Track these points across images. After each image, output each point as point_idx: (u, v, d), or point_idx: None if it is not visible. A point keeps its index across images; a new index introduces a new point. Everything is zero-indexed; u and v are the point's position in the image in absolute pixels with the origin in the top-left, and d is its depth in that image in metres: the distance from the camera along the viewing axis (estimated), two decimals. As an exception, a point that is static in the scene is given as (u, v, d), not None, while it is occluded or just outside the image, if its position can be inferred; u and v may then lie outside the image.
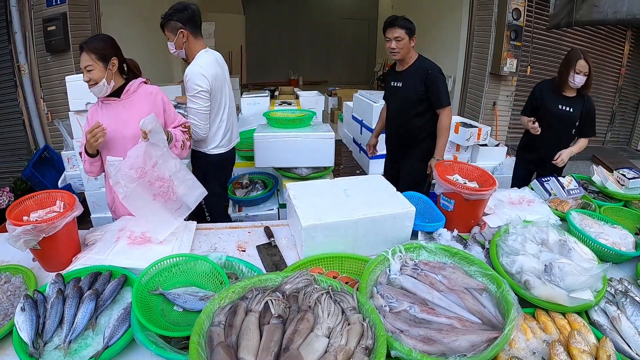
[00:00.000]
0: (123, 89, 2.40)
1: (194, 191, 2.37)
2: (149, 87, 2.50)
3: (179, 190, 2.31)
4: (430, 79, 3.31)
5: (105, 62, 2.27)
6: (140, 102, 2.41)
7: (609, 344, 1.48)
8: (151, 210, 2.20)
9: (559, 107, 3.51)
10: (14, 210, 1.99)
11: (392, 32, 3.27)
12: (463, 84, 8.07)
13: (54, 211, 2.09)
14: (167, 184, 2.26)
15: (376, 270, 1.79)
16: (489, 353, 1.34)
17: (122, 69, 2.41)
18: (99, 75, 2.26)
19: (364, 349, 1.30)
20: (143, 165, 2.15)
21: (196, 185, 2.38)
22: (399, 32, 3.25)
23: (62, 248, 2.00)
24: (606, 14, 5.77)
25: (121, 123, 2.36)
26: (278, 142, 3.62)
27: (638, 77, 8.95)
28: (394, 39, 3.27)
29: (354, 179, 2.49)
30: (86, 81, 2.29)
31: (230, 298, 1.49)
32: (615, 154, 8.47)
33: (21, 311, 1.53)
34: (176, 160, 2.30)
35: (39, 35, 5.59)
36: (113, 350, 1.46)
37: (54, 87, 5.75)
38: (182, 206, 2.34)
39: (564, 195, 2.81)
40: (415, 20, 3.32)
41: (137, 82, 2.45)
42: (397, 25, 3.25)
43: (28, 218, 2.02)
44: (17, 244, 1.82)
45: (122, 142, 2.34)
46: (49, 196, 2.15)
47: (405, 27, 3.26)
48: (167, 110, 2.52)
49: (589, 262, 1.88)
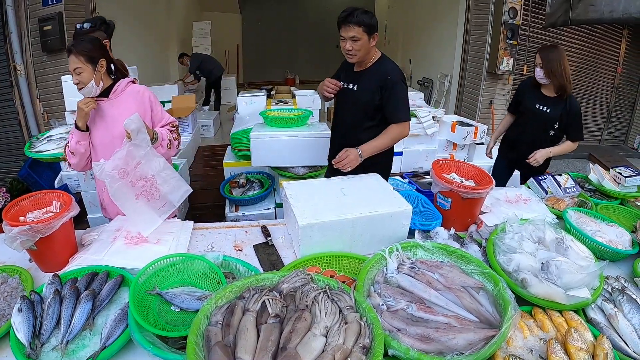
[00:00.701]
0: (111, 89, 2.41)
1: (179, 189, 2.40)
2: (136, 86, 2.51)
3: (163, 188, 2.34)
4: (387, 85, 2.70)
5: (94, 64, 2.28)
6: (127, 101, 2.43)
7: (606, 342, 1.49)
8: (134, 209, 2.22)
9: (535, 106, 3.45)
10: (10, 211, 1.99)
11: (347, 31, 2.60)
12: (459, 83, 8.08)
13: (50, 211, 2.09)
14: (149, 183, 2.28)
15: (373, 269, 1.79)
16: (487, 351, 1.34)
17: (110, 70, 2.42)
18: (88, 77, 2.27)
19: (362, 347, 1.30)
20: (125, 166, 2.17)
21: (180, 183, 2.41)
22: (355, 31, 2.58)
23: (59, 248, 2.00)
24: (602, 13, 5.79)
25: (109, 122, 2.39)
26: (275, 141, 3.62)
27: (634, 76, 8.97)
28: (349, 38, 2.62)
29: (350, 178, 2.49)
30: (75, 83, 2.30)
31: (228, 298, 1.49)
32: (612, 153, 8.49)
33: (18, 312, 1.53)
34: (160, 159, 2.32)
35: (35, 35, 5.58)
36: (110, 350, 1.46)
37: (49, 87, 5.73)
38: (165, 204, 2.35)
39: (560, 193, 2.81)
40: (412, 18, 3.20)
41: (124, 81, 2.46)
42: (352, 23, 2.57)
43: (24, 218, 2.02)
44: (13, 244, 1.81)
45: (111, 141, 2.37)
46: (45, 196, 2.15)
47: (363, 23, 2.58)
48: (154, 109, 2.53)
49: (586, 260, 1.89)
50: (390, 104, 2.73)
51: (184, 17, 11.42)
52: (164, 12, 10.21)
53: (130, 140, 2.17)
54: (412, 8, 10.16)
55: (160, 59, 10.21)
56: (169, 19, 10.45)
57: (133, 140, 2.17)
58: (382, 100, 2.73)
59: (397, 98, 2.72)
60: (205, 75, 9.62)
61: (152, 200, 2.30)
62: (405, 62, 10.67)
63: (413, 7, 10.10)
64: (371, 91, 2.74)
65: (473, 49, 7.60)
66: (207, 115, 8.26)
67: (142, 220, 2.22)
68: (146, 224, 2.22)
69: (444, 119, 4.43)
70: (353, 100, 2.85)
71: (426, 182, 3.35)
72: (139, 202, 2.24)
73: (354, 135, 2.84)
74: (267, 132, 3.67)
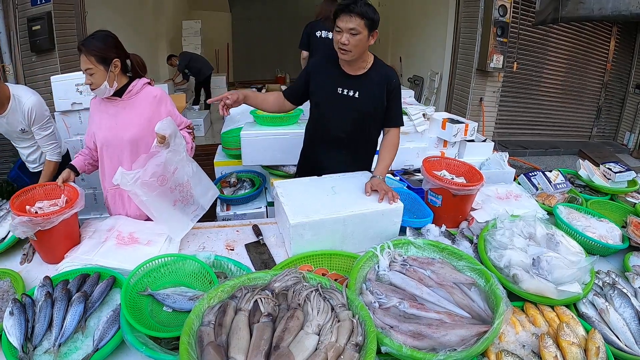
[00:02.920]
0: (125, 88, 2.28)
1: (208, 192, 2.40)
2: (152, 89, 2.36)
3: (196, 192, 2.33)
4: (393, 89, 2.54)
5: (107, 64, 2.15)
6: (141, 105, 2.30)
7: (597, 336, 1.50)
8: (170, 215, 2.21)
9: None
10: (20, 197, 2.05)
11: (347, 21, 2.24)
12: (450, 80, 8.11)
13: (56, 205, 2.12)
14: (185, 188, 2.28)
15: (365, 267, 1.79)
16: (479, 347, 1.35)
17: (126, 68, 2.30)
18: (101, 78, 2.15)
19: (354, 345, 1.30)
20: (164, 172, 2.13)
21: (210, 186, 2.42)
22: (356, 22, 2.23)
23: (58, 242, 2.02)
24: (592, 10, 5.83)
25: (120, 124, 2.28)
26: (265, 140, 3.61)
27: (623, 73, 9.05)
28: (347, 30, 2.25)
29: (341, 176, 2.48)
30: (88, 84, 2.19)
31: (220, 297, 1.48)
32: (602, 149, 8.55)
33: (10, 315, 1.52)
34: (193, 163, 2.31)
35: (24, 35, 5.52)
36: (103, 352, 1.46)
37: (39, 87, 5.64)
38: (198, 208, 2.37)
39: (550, 189, 2.83)
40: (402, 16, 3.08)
41: (140, 82, 2.32)
42: (355, 13, 2.22)
43: (30, 208, 2.06)
44: (15, 232, 1.87)
45: (119, 144, 2.28)
46: (57, 188, 2.20)
47: (367, 16, 2.24)
48: (173, 114, 2.39)
49: (577, 256, 1.90)
50: (392, 109, 2.58)
51: (173, 16, 11.34)
52: (153, 11, 10.14)
53: (162, 145, 2.08)
54: (402, 5, 10.16)
55: (150, 58, 10.13)
56: (157, 17, 10.37)
57: (171, 146, 2.11)
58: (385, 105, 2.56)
59: (399, 103, 2.61)
60: (194, 74, 9.53)
61: (188, 206, 2.30)
62: (395, 60, 10.68)
63: (404, 5, 10.10)
64: (378, 98, 2.53)
65: (463, 47, 7.64)
66: (198, 115, 8.24)
67: (175, 226, 2.22)
68: (178, 230, 2.22)
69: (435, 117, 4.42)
70: (354, 108, 2.55)
71: (417, 179, 3.35)
72: (176, 208, 2.24)
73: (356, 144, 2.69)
74: (257, 130, 3.66)
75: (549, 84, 8.52)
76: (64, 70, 5.56)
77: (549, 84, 8.52)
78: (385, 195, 2.19)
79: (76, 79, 3.59)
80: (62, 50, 5.65)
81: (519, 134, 8.59)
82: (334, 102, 2.56)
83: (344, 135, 2.64)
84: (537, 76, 8.32)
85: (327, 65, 2.58)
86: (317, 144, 2.80)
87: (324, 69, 2.58)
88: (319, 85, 2.59)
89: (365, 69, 2.51)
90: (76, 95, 2.27)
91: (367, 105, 2.54)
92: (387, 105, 2.56)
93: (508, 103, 8.09)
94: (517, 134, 8.57)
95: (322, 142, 2.75)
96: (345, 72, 2.51)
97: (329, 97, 2.57)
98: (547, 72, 8.40)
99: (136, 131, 2.26)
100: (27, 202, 2.09)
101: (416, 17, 9.42)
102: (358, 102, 2.53)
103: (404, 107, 4.19)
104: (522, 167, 7.18)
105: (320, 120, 2.70)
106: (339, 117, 2.60)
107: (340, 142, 2.66)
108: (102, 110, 2.32)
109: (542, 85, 8.46)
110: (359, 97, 2.52)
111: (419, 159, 4.41)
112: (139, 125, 2.28)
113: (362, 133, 2.65)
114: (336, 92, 2.54)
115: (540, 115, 8.65)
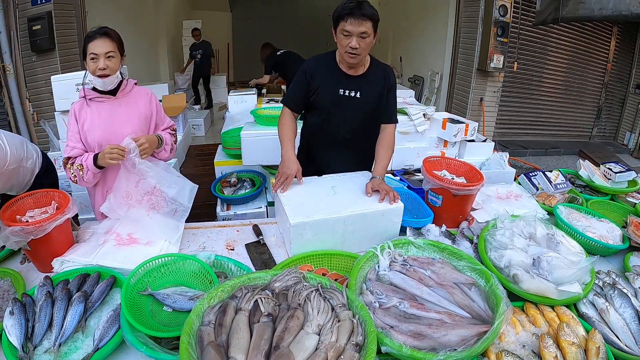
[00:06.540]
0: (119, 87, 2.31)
1: (185, 189, 2.38)
2: (142, 88, 2.46)
3: (170, 193, 2.32)
4: (390, 88, 2.56)
5: (121, 55, 2.24)
6: (137, 102, 2.37)
7: (597, 336, 1.50)
8: (151, 223, 2.21)
9: None
10: (10, 208, 2.01)
11: (357, 25, 2.22)
12: (450, 80, 8.11)
13: (47, 212, 2.09)
14: (155, 194, 2.27)
15: (365, 267, 1.79)
16: (479, 347, 1.35)
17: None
18: (115, 66, 2.19)
19: (355, 345, 1.30)
20: (127, 188, 2.16)
21: (185, 183, 2.40)
22: (366, 26, 2.23)
23: (52, 249, 1.98)
24: (592, 10, 5.82)
25: (117, 122, 2.29)
26: (265, 140, 3.61)
27: (624, 73, 9.04)
28: (358, 34, 2.24)
29: (341, 176, 2.48)
30: (102, 68, 2.15)
31: (220, 297, 1.48)
32: (602, 149, 8.55)
33: (10, 315, 1.51)
34: (157, 166, 2.31)
35: (24, 34, 5.53)
36: (103, 352, 1.45)
37: (39, 87, 5.69)
38: (179, 206, 2.36)
39: (551, 189, 2.83)
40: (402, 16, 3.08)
41: (131, 81, 2.40)
42: (365, 16, 2.21)
43: (21, 217, 2.02)
44: (7, 243, 1.83)
45: (119, 140, 2.25)
46: (47, 195, 2.16)
47: (374, 18, 2.25)
48: (159, 112, 2.50)
49: (577, 256, 1.90)
50: (388, 105, 2.59)
51: (174, 16, 11.34)
52: (153, 11, 10.14)
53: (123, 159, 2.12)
54: (402, 5, 10.17)
55: (150, 58, 10.15)
56: (158, 17, 10.37)
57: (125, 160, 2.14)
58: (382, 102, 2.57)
59: (395, 100, 2.62)
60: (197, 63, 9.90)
61: (162, 210, 2.30)
62: (395, 60, 10.68)
63: (404, 5, 10.11)
64: (378, 97, 2.54)
65: (463, 47, 7.64)
66: (198, 115, 8.24)
67: (164, 231, 2.21)
68: (169, 233, 2.22)
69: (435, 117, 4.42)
70: (357, 108, 2.55)
71: (417, 179, 3.34)
72: (151, 216, 2.23)
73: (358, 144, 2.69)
74: (258, 130, 3.67)
75: (550, 84, 8.51)
76: (64, 70, 5.57)
77: (549, 84, 8.50)
78: (386, 196, 2.20)
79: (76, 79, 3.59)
80: (62, 50, 5.66)
81: (519, 134, 8.58)
82: (338, 104, 2.55)
83: (349, 136, 2.65)
84: (537, 76, 8.30)
85: (325, 66, 2.56)
86: (320, 146, 2.78)
87: (322, 70, 2.56)
88: (321, 88, 2.55)
89: (364, 68, 2.52)
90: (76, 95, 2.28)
91: (369, 105, 2.55)
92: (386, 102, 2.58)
93: (508, 103, 8.08)
94: (518, 134, 8.56)
95: (326, 144, 2.73)
96: (346, 73, 2.51)
97: (332, 99, 2.55)
98: (548, 72, 8.39)
99: (136, 126, 2.31)
100: (18, 212, 2.04)
101: (416, 17, 9.42)
102: (360, 102, 2.53)
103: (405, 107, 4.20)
104: (522, 167, 7.18)
105: (324, 122, 2.67)
106: (344, 119, 2.59)
107: (346, 143, 2.67)
108: (92, 112, 2.30)
109: (543, 85, 8.45)
110: (360, 97, 2.52)
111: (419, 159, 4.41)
112: (137, 120, 2.35)
113: (366, 132, 2.65)
114: (338, 94, 2.53)
115: (540, 115, 8.64)
